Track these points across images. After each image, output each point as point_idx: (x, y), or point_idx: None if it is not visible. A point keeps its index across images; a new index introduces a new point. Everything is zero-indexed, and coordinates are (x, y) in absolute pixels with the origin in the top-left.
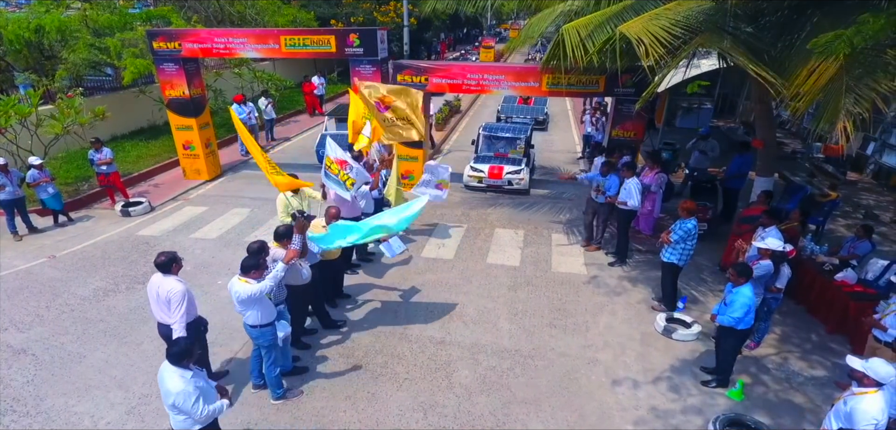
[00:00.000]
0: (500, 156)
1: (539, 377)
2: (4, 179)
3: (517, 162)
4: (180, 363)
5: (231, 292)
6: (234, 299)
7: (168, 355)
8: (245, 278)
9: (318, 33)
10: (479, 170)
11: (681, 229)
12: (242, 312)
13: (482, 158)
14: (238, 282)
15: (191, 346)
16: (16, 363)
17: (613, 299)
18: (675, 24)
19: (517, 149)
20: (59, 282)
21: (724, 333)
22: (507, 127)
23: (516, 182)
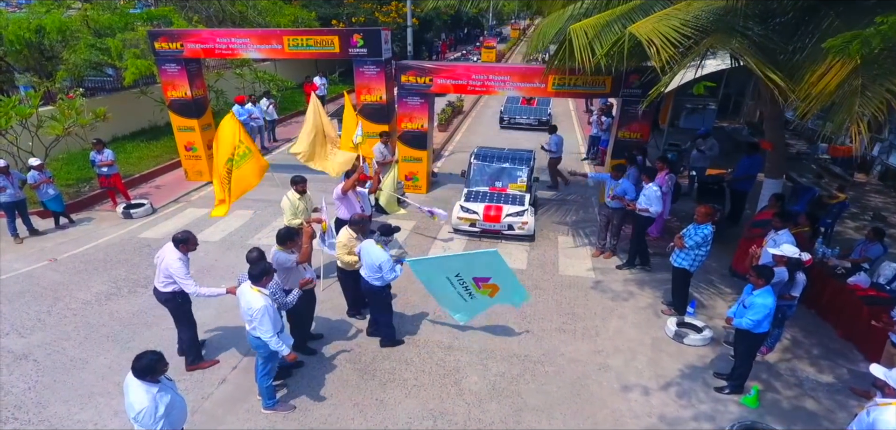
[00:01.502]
0: (498, 191)
1: (550, 383)
2: (5, 181)
3: (520, 201)
4: (145, 378)
5: (242, 300)
6: (245, 309)
7: (134, 369)
8: (257, 287)
9: (322, 34)
10: (471, 211)
11: (697, 234)
12: (250, 321)
13: (475, 193)
14: (250, 292)
15: (157, 361)
16: (17, 369)
17: (622, 303)
18: (685, 25)
19: (519, 182)
20: (60, 286)
21: (740, 336)
22: (506, 153)
23: (519, 227)
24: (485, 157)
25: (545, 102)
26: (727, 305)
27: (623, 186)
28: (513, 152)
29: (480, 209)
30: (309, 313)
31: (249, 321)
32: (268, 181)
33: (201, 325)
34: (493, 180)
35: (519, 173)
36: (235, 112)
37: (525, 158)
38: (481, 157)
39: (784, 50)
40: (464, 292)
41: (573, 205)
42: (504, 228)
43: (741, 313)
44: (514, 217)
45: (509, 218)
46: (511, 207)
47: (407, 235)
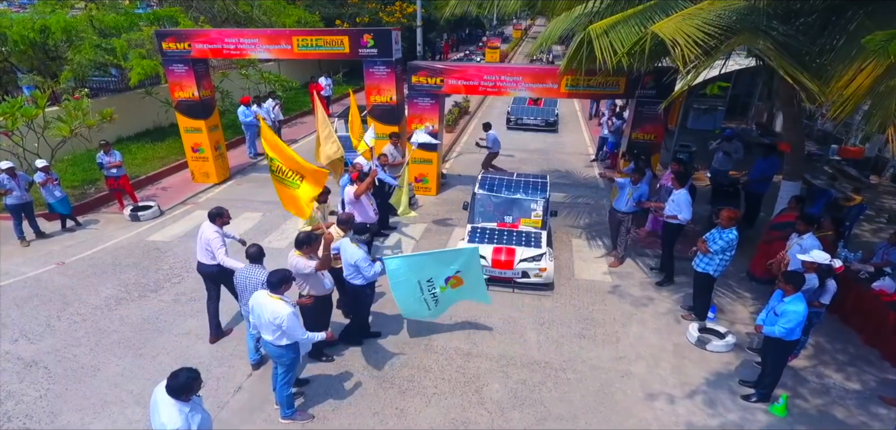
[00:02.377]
0: (507, 227)
1: (572, 391)
2: (12, 184)
3: (536, 241)
4: (179, 397)
5: (260, 309)
6: (268, 320)
7: (169, 388)
8: (277, 295)
9: (331, 34)
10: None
11: (722, 238)
12: (274, 331)
13: (481, 232)
14: (272, 301)
15: (194, 379)
16: (28, 377)
17: (641, 308)
18: (709, 24)
19: (533, 216)
20: (69, 290)
21: (770, 344)
22: (515, 181)
23: (536, 274)
24: (491, 186)
25: (552, 103)
26: (747, 309)
27: (640, 190)
28: (524, 179)
29: (488, 253)
30: (325, 320)
31: (273, 331)
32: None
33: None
34: (501, 214)
35: (533, 206)
36: (241, 114)
37: (539, 185)
38: (487, 186)
39: (810, 50)
40: (431, 299)
41: (585, 207)
42: (517, 275)
43: (772, 320)
44: (530, 262)
45: (524, 263)
46: (526, 251)
47: (419, 237)
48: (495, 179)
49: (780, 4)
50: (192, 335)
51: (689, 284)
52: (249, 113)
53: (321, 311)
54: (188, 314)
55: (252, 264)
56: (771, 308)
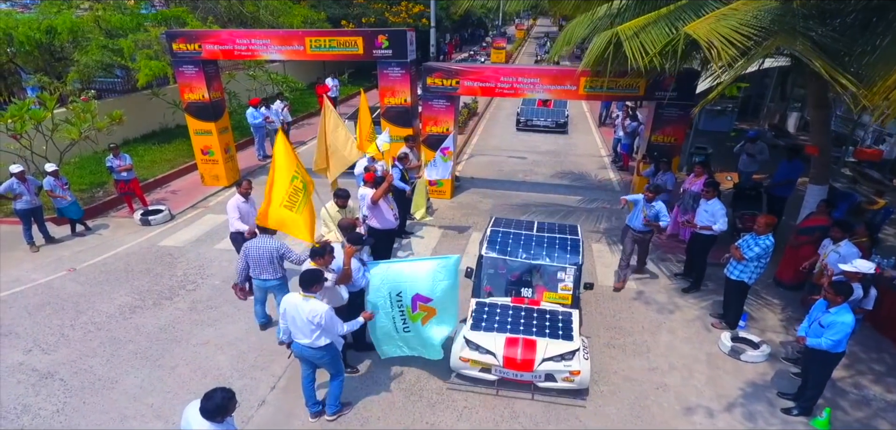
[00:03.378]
0: (526, 304)
1: (607, 404)
2: (22, 188)
3: (565, 327)
4: (214, 419)
5: (295, 312)
6: (304, 320)
7: (202, 409)
8: (311, 295)
9: (345, 35)
10: (483, 349)
11: (758, 245)
12: (314, 331)
13: (489, 311)
14: (306, 301)
15: (229, 400)
16: (44, 390)
17: (669, 316)
18: (744, 25)
19: (561, 289)
20: (81, 297)
21: (815, 357)
22: (539, 236)
23: (565, 378)
24: (505, 244)
25: (561, 104)
26: (776, 316)
27: (657, 210)
28: (549, 235)
29: (498, 345)
30: None
31: (311, 332)
32: None
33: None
34: (516, 286)
35: (560, 275)
36: (249, 115)
37: (569, 244)
38: (499, 242)
39: (850, 52)
40: (399, 317)
41: (602, 212)
42: (538, 378)
43: (817, 331)
44: (557, 362)
45: (549, 363)
46: (552, 344)
47: (436, 243)
48: (510, 233)
49: (814, 4)
50: (211, 346)
51: (716, 290)
52: (258, 115)
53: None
54: (205, 323)
55: (263, 235)
56: (814, 319)
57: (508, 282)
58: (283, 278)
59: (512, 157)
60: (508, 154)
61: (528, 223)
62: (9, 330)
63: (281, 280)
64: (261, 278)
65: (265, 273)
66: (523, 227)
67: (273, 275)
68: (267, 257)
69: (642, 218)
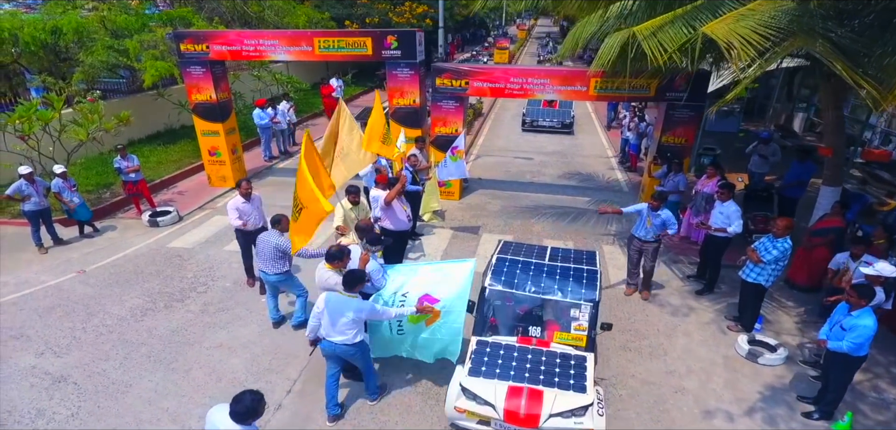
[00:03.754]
0: (533, 345)
1: (626, 407)
2: (30, 189)
3: (577, 375)
4: (244, 422)
5: (335, 309)
6: (349, 317)
7: (232, 413)
8: (352, 294)
9: (354, 35)
10: (481, 400)
11: (776, 248)
12: (348, 327)
13: (490, 354)
14: (348, 298)
15: (259, 402)
16: (57, 393)
17: (683, 318)
18: (761, 25)
19: (574, 329)
20: (91, 299)
21: (835, 360)
22: (551, 266)
23: None
24: (512, 274)
25: (567, 105)
26: (790, 318)
27: (663, 218)
28: (562, 264)
29: (499, 395)
30: None
31: (350, 328)
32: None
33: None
34: (523, 323)
35: (574, 309)
36: (256, 116)
37: (585, 275)
38: (505, 272)
39: (869, 53)
40: (395, 322)
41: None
42: None
43: (839, 335)
44: (566, 417)
45: (557, 418)
46: (561, 397)
47: (446, 245)
48: (519, 262)
49: (831, 5)
50: (225, 348)
51: (730, 292)
52: (265, 116)
53: None
54: (218, 326)
55: (272, 229)
56: (836, 322)
57: (515, 317)
58: (286, 273)
59: (518, 157)
60: (515, 155)
61: (539, 250)
62: (20, 332)
63: (283, 275)
64: (263, 272)
65: (267, 267)
66: (534, 253)
67: (273, 269)
68: (269, 252)
69: (647, 228)
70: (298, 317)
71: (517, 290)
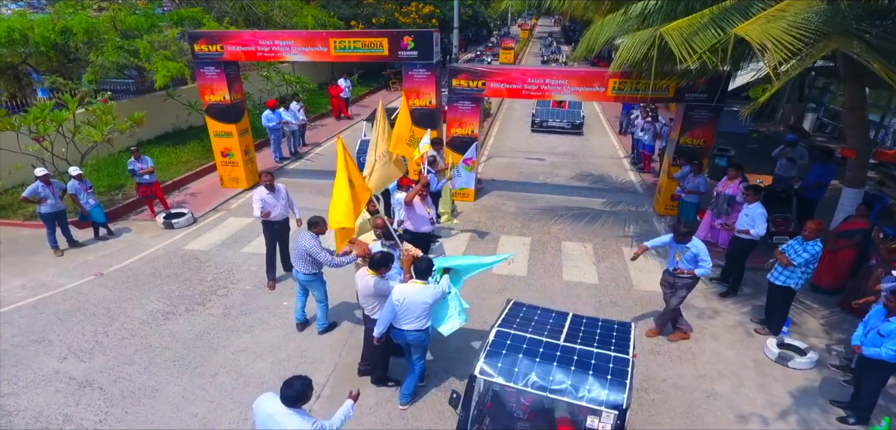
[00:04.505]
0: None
1: (659, 413)
2: (47, 191)
3: None
4: (296, 405)
5: (411, 299)
6: (424, 304)
7: (284, 397)
8: (422, 280)
9: (370, 36)
10: None
11: (806, 251)
12: (425, 315)
13: None
14: (420, 287)
15: (308, 386)
16: (83, 399)
17: (709, 321)
18: (793, 27)
19: (602, 416)
20: (111, 303)
21: (870, 366)
22: (566, 347)
23: None
24: (514, 359)
25: (576, 106)
26: (816, 321)
27: (694, 252)
28: (585, 339)
29: None
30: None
31: (427, 316)
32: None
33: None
34: (535, 400)
35: (592, 417)
36: (265, 118)
37: (611, 366)
38: (507, 356)
39: None
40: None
41: (630, 215)
42: None
43: (876, 341)
44: None
45: None
46: None
47: (465, 247)
48: (525, 338)
49: (863, 5)
50: (250, 353)
51: (754, 295)
52: (274, 117)
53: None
54: (241, 330)
55: (308, 230)
56: (871, 327)
57: (515, 411)
58: (316, 275)
59: (530, 158)
60: (526, 156)
61: (556, 318)
62: (41, 336)
63: (313, 276)
64: (296, 269)
65: (299, 265)
66: (548, 324)
67: (303, 269)
68: (299, 253)
69: (676, 261)
70: (322, 323)
71: (517, 383)
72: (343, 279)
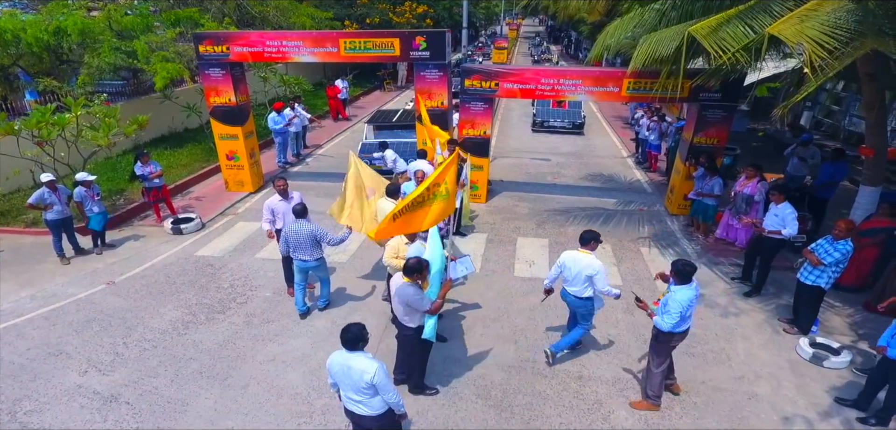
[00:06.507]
0: None
1: (704, 416)
2: (53, 198)
3: None
4: (358, 347)
5: (576, 265)
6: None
7: (346, 342)
8: (589, 250)
9: (382, 36)
10: None
11: (837, 250)
12: (581, 283)
13: None
14: (587, 256)
15: (363, 328)
16: (111, 415)
17: (735, 319)
18: (828, 26)
19: None
20: (127, 312)
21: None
22: None
23: None
24: None
25: (577, 105)
26: (841, 319)
27: (691, 298)
28: None
29: None
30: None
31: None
32: (319, 192)
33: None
34: None
35: None
36: (271, 120)
37: None
38: None
39: None
40: None
41: (642, 215)
42: None
43: None
44: None
45: None
46: None
47: (483, 250)
48: None
49: (891, 5)
50: (279, 362)
51: (776, 294)
52: (280, 119)
53: (422, 349)
54: (267, 338)
55: (298, 220)
56: None
57: None
58: (321, 259)
59: (535, 159)
60: (530, 156)
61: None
62: (58, 349)
63: (319, 261)
64: (299, 259)
65: (306, 254)
66: None
67: (314, 256)
68: (304, 240)
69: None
70: (324, 300)
71: None
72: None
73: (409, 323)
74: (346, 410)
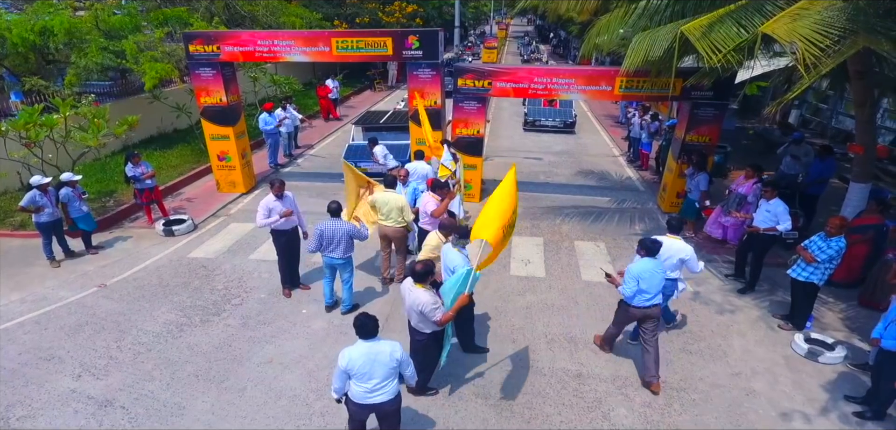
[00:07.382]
0: None
1: (703, 413)
2: (44, 200)
3: None
4: (372, 336)
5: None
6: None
7: (366, 335)
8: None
9: (374, 35)
10: None
11: (830, 247)
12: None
13: None
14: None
15: (375, 320)
16: (106, 420)
17: (731, 316)
18: (821, 25)
19: None
20: (120, 315)
21: (890, 359)
22: None
23: None
24: None
25: (568, 104)
26: (833, 314)
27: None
28: None
29: None
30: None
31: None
32: (311, 192)
33: None
34: None
35: None
36: (262, 121)
37: None
38: None
39: None
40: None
41: (635, 212)
42: None
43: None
44: None
45: None
46: None
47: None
48: None
49: (882, 4)
50: (276, 364)
51: (770, 290)
52: (272, 120)
53: (436, 351)
54: (263, 340)
55: (334, 218)
56: (892, 321)
57: None
58: (350, 257)
59: (527, 158)
60: (523, 155)
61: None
62: (50, 354)
63: (348, 259)
64: (330, 256)
65: (339, 252)
66: None
67: (342, 254)
68: (341, 237)
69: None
70: (348, 304)
71: None
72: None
73: (424, 329)
74: (361, 406)
